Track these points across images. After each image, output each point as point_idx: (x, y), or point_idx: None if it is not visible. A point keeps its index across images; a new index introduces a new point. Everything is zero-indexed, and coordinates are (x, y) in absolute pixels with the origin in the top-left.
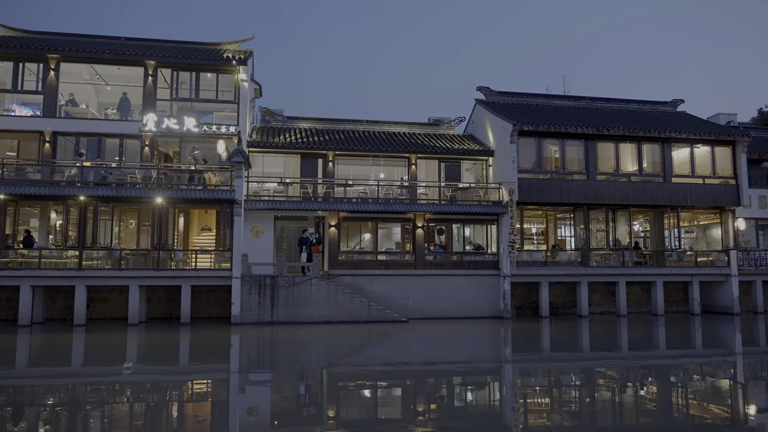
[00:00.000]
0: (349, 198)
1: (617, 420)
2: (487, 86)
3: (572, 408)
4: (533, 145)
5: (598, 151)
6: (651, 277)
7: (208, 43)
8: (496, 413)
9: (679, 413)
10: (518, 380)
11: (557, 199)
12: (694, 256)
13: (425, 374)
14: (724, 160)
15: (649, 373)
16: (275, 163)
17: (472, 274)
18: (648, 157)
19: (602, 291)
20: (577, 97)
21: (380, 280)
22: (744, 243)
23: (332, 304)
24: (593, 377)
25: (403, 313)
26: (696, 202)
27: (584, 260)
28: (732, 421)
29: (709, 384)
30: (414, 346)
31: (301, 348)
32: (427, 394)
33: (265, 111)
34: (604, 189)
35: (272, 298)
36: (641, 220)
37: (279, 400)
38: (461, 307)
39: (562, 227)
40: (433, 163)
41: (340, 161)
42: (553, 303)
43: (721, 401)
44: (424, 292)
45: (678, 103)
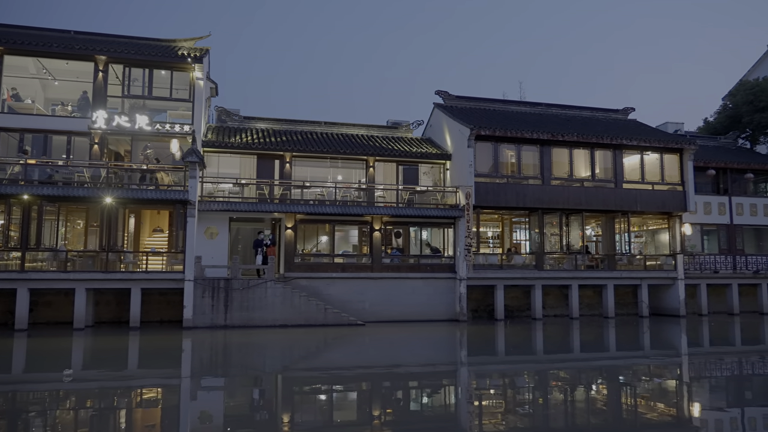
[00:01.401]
0: (306, 200)
1: (569, 420)
2: (446, 90)
3: (526, 409)
4: (490, 150)
5: (553, 157)
6: (602, 280)
7: (163, 39)
8: (452, 416)
9: (628, 413)
10: (473, 383)
11: (513, 203)
12: (643, 260)
13: (381, 378)
14: (672, 167)
15: (600, 374)
16: (231, 163)
17: (428, 277)
18: (600, 163)
19: (556, 294)
20: (533, 103)
21: (337, 283)
22: (690, 248)
23: (288, 307)
24: (547, 379)
25: (360, 317)
26: (645, 207)
27: (539, 264)
28: (677, 419)
29: (656, 384)
30: (370, 349)
31: (256, 352)
32: (384, 397)
33: (221, 110)
34: (559, 194)
35: (226, 302)
36: (593, 225)
37: (232, 405)
38: (418, 310)
39: (518, 231)
40: (391, 165)
41: (297, 163)
42: (508, 306)
43: (667, 400)
44: (381, 295)
45: (629, 111)
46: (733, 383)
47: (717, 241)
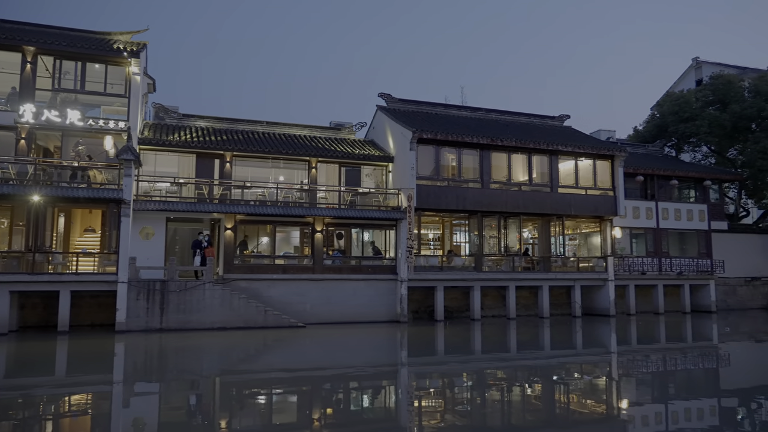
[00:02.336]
0: (246, 200)
1: (506, 418)
2: (389, 93)
3: (465, 408)
4: (432, 153)
5: (492, 161)
6: (538, 281)
7: (98, 32)
8: (392, 416)
9: (562, 409)
10: (413, 383)
11: (453, 205)
12: (577, 262)
13: (322, 380)
14: (604, 173)
15: (535, 372)
16: (169, 162)
17: (370, 278)
18: (537, 168)
19: (494, 295)
20: (474, 108)
21: (278, 285)
22: (620, 250)
23: (227, 309)
24: (484, 378)
25: (301, 318)
26: (579, 211)
27: (478, 265)
28: (607, 414)
29: (587, 381)
30: (311, 351)
31: (193, 356)
32: (324, 399)
33: (159, 107)
34: (497, 197)
35: (162, 304)
36: (530, 228)
37: (168, 411)
38: (359, 311)
39: (458, 233)
40: (333, 167)
41: (238, 162)
42: (447, 307)
43: (597, 396)
44: (323, 296)
45: (565, 118)
46: (658, 379)
47: (644, 244)
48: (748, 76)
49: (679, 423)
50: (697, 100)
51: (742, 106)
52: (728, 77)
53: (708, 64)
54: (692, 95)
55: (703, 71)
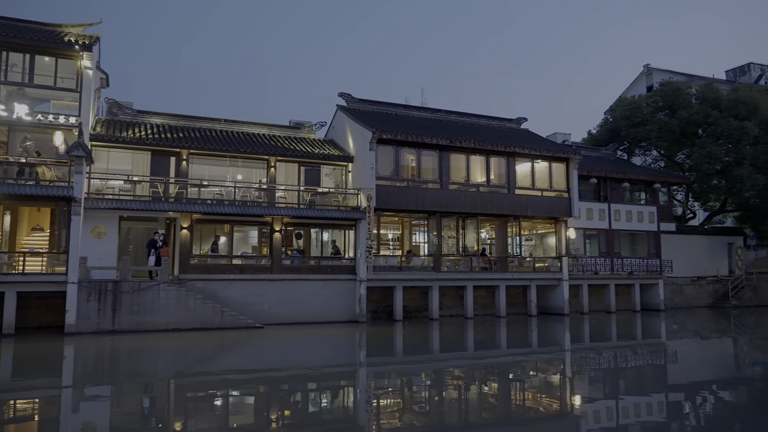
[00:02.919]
0: (203, 199)
1: (463, 416)
2: (349, 93)
3: (422, 407)
4: (391, 153)
5: (451, 162)
6: (495, 281)
7: (48, 23)
8: (350, 416)
9: (517, 406)
10: (372, 383)
11: (413, 206)
12: (533, 262)
13: (279, 381)
14: (559, 175)
15: (492, 370)
16: (122, 159)
17: (329, 278)
18: (495, 169)
19: (452, 295)
20: (434, 109)
21: (235, 285)
22: (574, 251)
23: (182, 310)
24: (442, 377)
25: (259, 319)
26: (535, 212)
27: (436, 265)
28: (561, 410)
29: (542, 378)
30: (269, 352)
31: (147, 358)
32: (282, 400)
33: (112, 103)
34: (456, 198)
35: (114, 305)
36: (488, 228)
37: (120, 415)
38: (318, 311)
39: (417, 233)
40: (293, 166)
41: (195, 160)
42: (406, 306)
43: (552, 393)
44: (281, 296)
45: (522, 121)
46: (610, 376)
47: (597, 245)
48: (695, 83)
49: (629, 418)
50: (648, 105)
51: (690, 113)
52: (677, 84)
53: (658, 71)
54: (643, 101)
55: (653, 78)
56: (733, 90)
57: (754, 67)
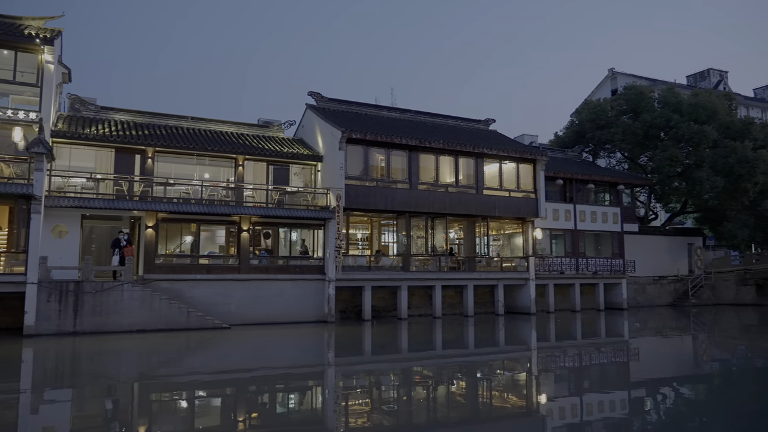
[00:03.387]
0: (169, 198)
1: (431, 415)
2: (318, 92)
3: (391, 407)
4: (361, 153)
5: (420, 162)
6: (463, 281)
7: (8, 16)
8: (318, 417)
9: (485, 405)
10: (340, 383)
11: (382, 206)
12: (500, 262)
13: (247, 382)
14: (526, 176)
15: (460, 369)
16: (85, 156)
17: (297, 278)
18: (464, 170)
19: (421, 294)
20: (403, 109)
21: (201, 285)
22: (540, 251)
23: (146, 311)
24: (411, 376)
25: (226, 320)
26: (503, 213)
27: (405, 265)
28: (527, 408)
29: (509, 377)
30: (236, 353)
31: (109, 360)
32: (249, 402)
33: (75, 98)
34: (425, 198)
35: (76, 306)
36: (456, 228)
37: (81, 419)
38: (286, 311)
39: (386, 233)
40: (261, 165)
41: (160, 158)
42: (375, 306)
43: (518, 391)
44: (248, 297)
45: (490, 122)
46: (575, 374)
47: (563, 245)
48: (658, 87)
49: (593, 414)
50: (612, 108)
51: (652, 116)
52: (640, 88)
53: (623, 75)
54: (608, 104)
55: (618, 81)
56: (694, 95)
57: (714, 73)
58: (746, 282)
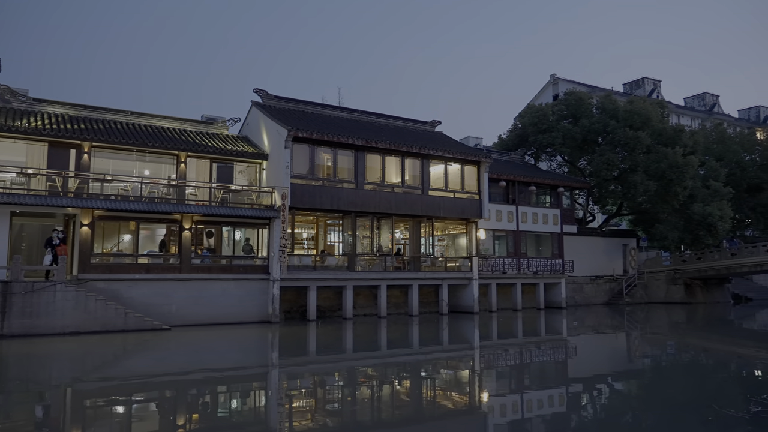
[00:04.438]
0: (107, 195)
1: (375, 414)
2: (264, 89)
3: (336, 407)
4: (307, 152)
5: (367, 162)
6: (408, 281)
7: None
8: (262, 419)
9: (429, 403)
10: (284, 384)
11: (328, 205)
12: (445, 262)
13: (187, 384)
14: (471, 177)
15: (404, 368)
16: (15, 150)
17: (241, 278)
18: (410, 170)
19: (366, 294)
20: (350, 109)
21: (140, 285)
22: (484, 251)
23: (81, 312)
24: (355, 376)
25: (166, 320)
26: (448, 213)
27: (351, 265)
28: (470, 406)
29: (452, 375)
30: (176, 355)
31: (40, 364)
32: (189, 405)
33: (5, 89)
34: (371, 198)
35: (4, 308)
36: (402, 229)
37: (9, 427)
38: (229, 312)
39: (332, 233)
40: (204, 162)
41: (98, 154)
42: (320, 306)
43: (461, 389)
44: (190, 297)
45: (436, 124)
46: (516, 371)
47: (506, 245)
48: (596, 94)
49: (532, 411)
50: (553, 113)
51: (591, 122)
52: (580, 94)
53: (564, 81)
54: (549, 109)
55: (559, 87)
56: (629, 102)
57: (648, 82)
58: (676, 281)
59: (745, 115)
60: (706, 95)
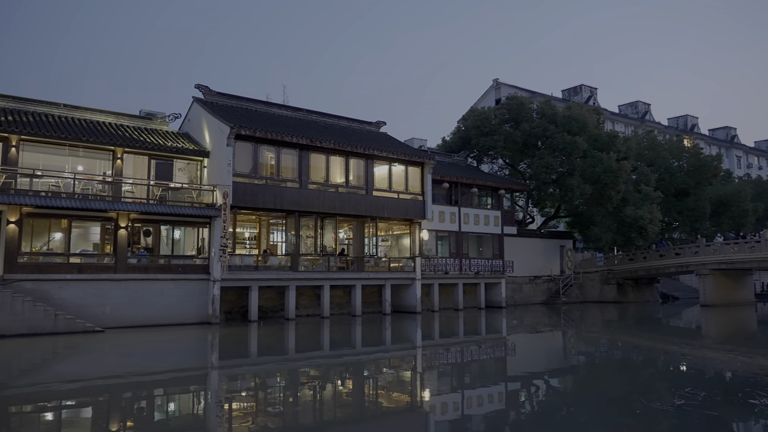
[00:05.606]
0: (36, 191)
1: (317, 415)
2: (206, 85)
3: (277, 408)
4: (250, 150)
5: (311, 162)
6: (352, 281)
7: None
8: (200, 422)
9: (371, 403)
10: (224, 386)
11: (271, 204)
12: (388, 263)
13: (121, 388)
14: (414, 178)
15: (346, 369)
16: None
17: (180, 278)
18: (354, 170)
19: (309, 294)
20: (295, 108)
21: (72, 286)
22: (427, 251)
23: (7, 314)
24: (297, 377)
25: (100, 322)
26: (392, 214)
27: (294, 265)
28: (412, 405)
29: (395, 375)
30: (110, 358)
31: None
32: (124, 410)
33: None
34: (315, 198)
35: None
36: (346, 229)
37: None
38: (167, 313)
39: (275, 232)
40: (142, 159)
41: (27, 148)
42: (262, 307)
43: (403, 388)
44: (126, 298)
45: (381, 125)
46: (457, 370)
47: (448, 246)
48: (537, 99)
49: (472, 408)
50: (496, 117)
51: (531, 126)
52: (521, 99)
53: (506, 85)
54: (492, 112)
55: (501, 91)
56: (567, 108)
57: (585, 89)
58: (609, 281)
59: (674, 123)
60: (638, 103)
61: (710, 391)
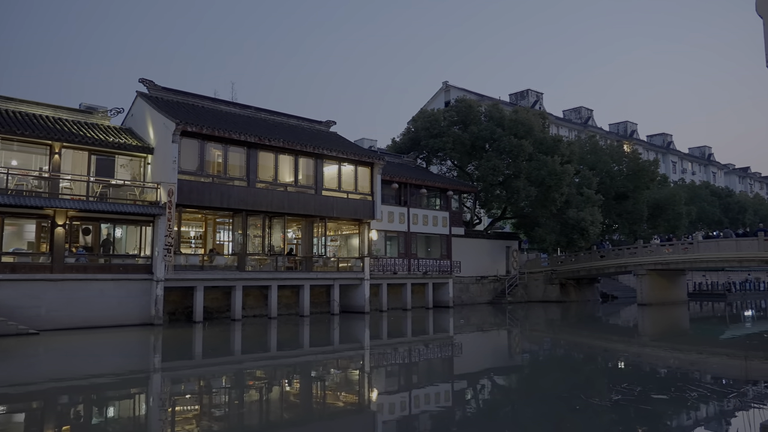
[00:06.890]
0: None
1: (264, 417)
2: (151, 80)
3: (222, 411)
4: (196, 147)
5: (259, 160)
6: (300, 281)
7: None
8: (141, 427)
9: (318, 404)
10: (166, 389)
11: (218, 203)
12: (337, 263)
13: (56, 393)
14: (364, 178)
15: (293, 370)
16: None
17: (121, 278)
18: (303, 170)
19: (256, 294)
20: (243, 105)
21: (4, 286)
22: (375, 251)
23: None
24: (243, 379)
25: (34, 324)
26: (341, 214)
27: (241, 265)
28: (359, 405)
29: (343, 375)
30: (45, 361)
31: None
32: (60, 415)
33: None
34: (263, 197)
35: None
36: (294, 228)
37: None
38: (107, 314)
39: (221, 231)
40: (82, 154)
41: None
42: (208, 307)
43: (351, 389)
44: (63, 298)
45: (331, 124)
46: (404, 369)
47: (397, 246)
48: (485, 102)
49: (420, 407)
50: (445, 119)
51: (479, 129)
52: (470, 102)
53: (455, 88)
54: (441, 114)
55: (451, 94)
56: (514, 112)
57: (532, 93)
58: (552, 281)
59: (615, 129)
60: (582, 109)
61: (645, 386)
